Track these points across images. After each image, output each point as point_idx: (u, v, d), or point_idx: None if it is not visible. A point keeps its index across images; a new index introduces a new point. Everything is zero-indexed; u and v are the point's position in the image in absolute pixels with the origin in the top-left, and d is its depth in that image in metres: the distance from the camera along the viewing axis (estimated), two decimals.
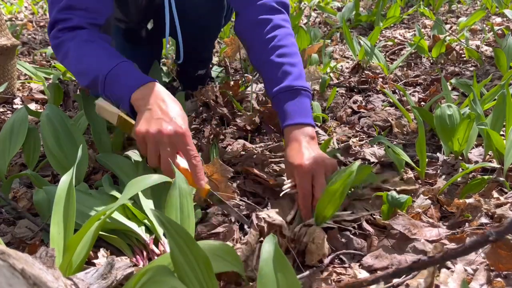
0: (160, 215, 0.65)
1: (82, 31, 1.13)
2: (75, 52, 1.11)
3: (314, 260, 0.83)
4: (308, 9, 3.55)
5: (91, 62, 1.09)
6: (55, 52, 1.18)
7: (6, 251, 0.50)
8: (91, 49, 1.10)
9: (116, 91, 1.03)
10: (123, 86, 1.02)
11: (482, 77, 1.78)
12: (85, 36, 1.12)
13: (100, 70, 1.05)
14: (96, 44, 1.12)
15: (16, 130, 1.14)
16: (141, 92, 0.99)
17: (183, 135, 0.92)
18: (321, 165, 0.95)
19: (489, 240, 0.50)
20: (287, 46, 1.14)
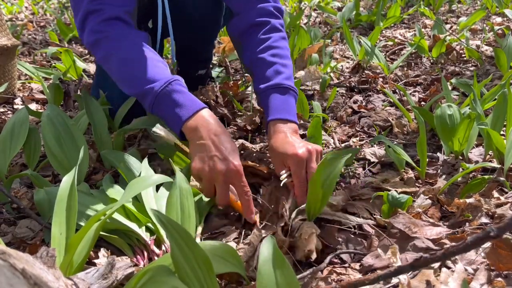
0: (161, 215, 0.65)
1: (123, 28, 1.09)
2: (119, 56, 1.07)
3: (300, 255, 0.83)
4: (308, 9, 3.55)
5: (139, 72, 1.05)
6: (93, 49, 1.12)
7: (7, 251, 0.50)
8: (137, 55, 1.07)
9: (167, 114, 1.02)
10: (175, 112, 1.00)
11: (482, 77, 1.78)
12: (134, 37, 1.09)
13: (151, 85, 1.02)
14: (142, 49, 1.07)
15: (17, 130, 1.14)
16: (194, 122, 0.98)
17: (236, 172, 0.92)
18: (312, 152, 0.98)
19: (490, 236, 0.50)
20: (280, 48, 1.18)
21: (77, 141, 1.11)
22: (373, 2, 3.50)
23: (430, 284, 0.72)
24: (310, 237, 0.84)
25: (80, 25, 1.12)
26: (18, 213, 1.04)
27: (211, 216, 0.99)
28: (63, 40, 2.93)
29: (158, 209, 0.92)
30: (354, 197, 1.03)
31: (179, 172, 0.93)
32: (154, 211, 0.66)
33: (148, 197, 0.94)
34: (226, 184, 0.93)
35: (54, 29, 3.26)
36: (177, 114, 1.00)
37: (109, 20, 1.09)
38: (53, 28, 3.30)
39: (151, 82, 1.02)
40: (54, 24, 3.52)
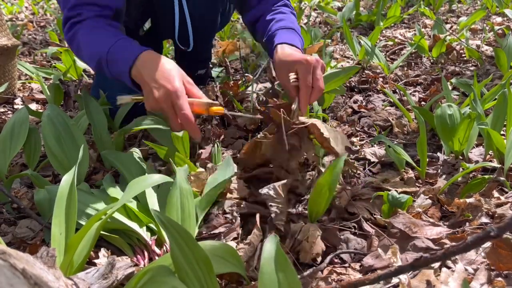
0: (161, 215, 0.65)
1: (89, 20, 1.17)
2: (84, 39, 1.16)
3: (308, 258, 0.83)
4: (308, 9, 3.55)
5: (95, 45, 1.13)
6: (70, 46, 1.23)
7: (7, 251, 0.50)
8: (96, 34, 1.15)
9: (116, 69, 1.07)
10: (121, 63, 1.05)
11: (482, 77, 1.78)
12: (92, 23, 1.16)
13: (103, 50, 1.09)
14: (102, 29, 1.16)
15: (17, 130, 1.14)
16: (136, 69, 1.02)
17: (171, 93, 0.94)
18: (319, 61, 1.09)
19: (490, 236, 0.50)
20: (288, 15, 1.37)
21: (77, 141, 1.11)
22: (373, 2, 3.50)
23: (430, 284, 0.72)
24: (316, 240, 0.84)
25: (63, 28, 1.23)
26: (18, 213, 1.05)
27: (211, 216, 0.99)
28: (63, 40, 2.93)
29: (158, 209, 0.92)
30: (354, 197, 1.03)
31: (179, 172, 0.93)
32: (154, 211, 0.66)
33: (150, 197, 0.94)
34: (170, 109, 0.94)
35: (54, 29, 3.26)
36: (122, 64, 1.04)
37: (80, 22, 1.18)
38: (53, 28, 3.30)
39: (102, 50, 1.09)
40: (54, 24, 3.52)
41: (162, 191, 0.98)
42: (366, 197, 1.02)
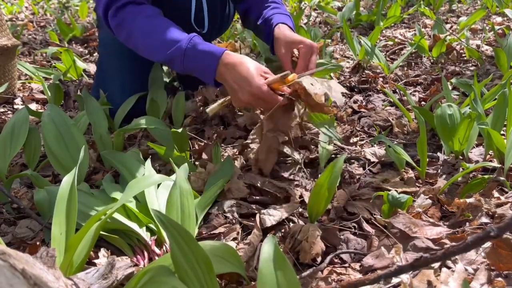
0: (161, 215, 0.65)
1: (140, 7, 1.22)
2: (142, 28, 1.19)
3: (308, 258, 0.83)
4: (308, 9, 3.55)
5: (161, 39, 1.15)
6: (117, 32, 1.25)
7: (7, 251, 0.50)
8: (157, 25, 1.18)
9: (195, 65, 1.12)
10: (206, 61, 1.11)
11: (482, 77, 1.78)
12: (147, 12, 1.21)
13: (178, 44, 1.13)
14: (160, 20, 1.20)
15: (17, 130, 1.14)
16: (219, 70, 1.09)
17: (256, 95, 1.03)
18: (316, 46, 1.23)
19: (491, 236, 0.50)
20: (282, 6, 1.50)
21: (77, 141, 1.11)
22: (373, 2, 3.50)
23: (430, 284, 0.72)
24: (316, 240, 0.84)
25: (103, 15, 1.26)
26: (18, 213, 1.04)
27: (211, 216, 0.99)
28: (63, 40, 2.93)
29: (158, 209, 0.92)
30: (354, 197, 1.03)
31: (179, 172, 0.93)
32: (154, 211, 0.66)
33: (150, 197, 0.94)
34: (258, 104, 1.06)
35: (54, 29, 3.27)
36: (205, 68, 1.11)
37: (123, 6, 1.22)
38: (53, 28, 3.30)
39: (175, 43, 1.13)
40: (54, 24, 3.52)
41: (162, 191, 0.98)
42: (366, 197, 1.02)
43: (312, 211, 0.89)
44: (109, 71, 1.56)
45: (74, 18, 3.78)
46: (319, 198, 0.88)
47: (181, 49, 1.12)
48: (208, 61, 1.10)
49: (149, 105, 1.44)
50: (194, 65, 1.13)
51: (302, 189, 1.08)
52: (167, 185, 0.98)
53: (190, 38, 1.13)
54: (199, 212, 0.96)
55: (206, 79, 1.14)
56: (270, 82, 1.05)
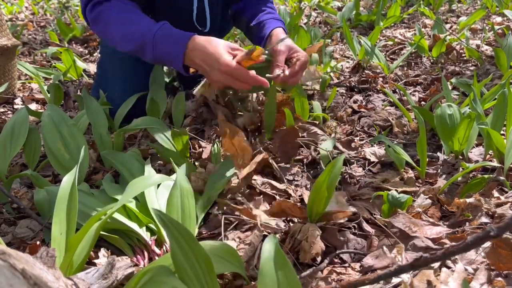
0: (161, 214, 0.65)
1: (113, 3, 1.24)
2: (117, 19, 1.23)
3: (308, 258, 0.83)
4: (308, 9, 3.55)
5: (134, 26, 1.20)
6: (94, 24, 1.28)
7: (7, 251, 0.50)
8: (132, 16, 1.22)
9: (165, 50, 1.16)
10: (173, 46, 1.14)
11: (482, 77, 1.78)
12: (121, 5, 1.24)
13: (147, 32, 1.16)
14: (134, 13, 1.23)
15: (17, 130, 1.14)
16: (188, 54, 1.13)
17: (227, 72, 1.07)
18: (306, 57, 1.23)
19: (490, 236, 0.50)
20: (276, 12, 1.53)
21: (77, 141, 1.11)
22: (373, 2, 3.50)
23: (430, 284, 0.72)
24: (316, 239, 0.84)
25: (83, 11, 1.30)
26: (18, 213, 1.04)
27: (211, 216, 0.99)
28: (63, 40, 2.93)
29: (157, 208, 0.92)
30: (354, 197, 1.03)
31: (179, 171, 0.93)
32: (154, 210, 0.66)
33: (150, 197, 0.94)
34: (230, 81, 1.09)
35: (54, 29, 3.26)
36: (175, 52, 1.14)
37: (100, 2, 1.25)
38: (53, 28, 3.30)
39: (147, 30, 1.17)
40: (54, 24, 3.52)
41: (162, 191, 0.98)
42: (366, 197, 1.02)
43: (311, 211, 0.90)
44: (110, 71, 1.56)
45: (74, 18, 3.78)
46: (319, 198, 0.88)
47: (151, 35, 1.15)
48: (176, 46, 1.13)
49: (149, 105, 1.44)
50: (163, 50, 1.15)
51: (302, 189, 1.08)
52: (167, 185, 0.98)
53: (161, 25, 1.16)
54: (200, 212, 0.96)
55: (174, 65, 1.16)
56: (238, 59, 1.08)
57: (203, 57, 1.09)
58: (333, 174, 0.87)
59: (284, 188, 1.05)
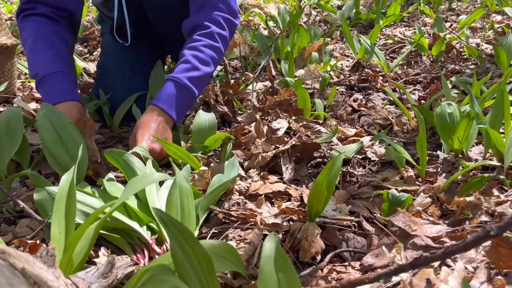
0: (161, 213, 0.65)
1: (45, 24, 1.33)
2: (29, 45, 1.32)
3: (307, 257, 0.83)
4: (308, 8, 3.55)
5: (37, 60, 1.30)
6: (20, 35, 1.38)
7: (7, 250, 0.50)
8: (39, 48, 1.31)
9: (44, 96, 1.28)
10: (47, 98, 1.26)
11: (482, 75, 1.78)
12: (40, 28, 1.33)
13: (39, 72, 1.27)
14: (45, 45, 1.31)
15: (12, 129, 1.13)
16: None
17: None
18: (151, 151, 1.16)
19: (490, 235, 0.50)
20: (204, 52, 1.33)
21: (75, 140, 1.10)
22: (373, 1, 3.50)
23: (430, 283, 0.72)
24: (315, 238, 0.84)
25: (16, 16, 1.39)
26: (18, 212, 1.04)
27: (212, 216, 0.99)
28: None
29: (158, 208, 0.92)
30: (354, 195, 1.03)
31: (179, 171, 0.93)
32: (155, 209, 0.65)
33: (151, 196, 0.94)
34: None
35: None
36: (44, 98, 1.26)
37: (38, 14, 1.34)
38: None
39: (39, 70, 1.28)
40: None
41: (163, 191, 0.98)
42: (366, 195, 1.02)
43: (311, 210, 0.89)
44: (110, 71, 1.56)
45: None
46: (319, 197, 0.88)
47: (40, 75, 1.27)
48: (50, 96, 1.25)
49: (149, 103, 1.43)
50: (41, 93, 1.29)
51: (302, 188, 1.08)
52: (169, 185, 0.98)
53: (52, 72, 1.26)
54: (202, 212, 0.95)
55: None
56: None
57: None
58: (332, 173, 0.87)
59: (284, 188, 1.05)
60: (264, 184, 1.07)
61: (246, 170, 1.16)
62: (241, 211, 0.96)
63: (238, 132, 1.30)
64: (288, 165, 1.15)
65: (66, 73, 1.29)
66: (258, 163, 1.16)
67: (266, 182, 1.09)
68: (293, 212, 0.94)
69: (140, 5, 1.48)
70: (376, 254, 0.82)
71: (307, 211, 0.90)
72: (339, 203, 0.98)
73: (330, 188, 0.87)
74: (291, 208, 0.96)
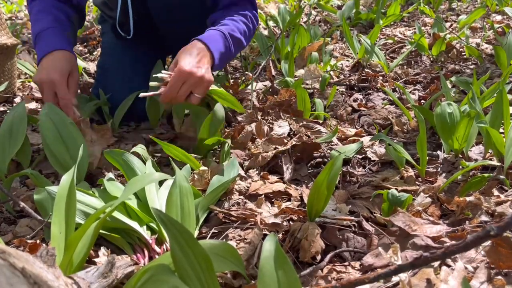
0: (161, 214, 0.65)
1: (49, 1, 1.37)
2: (32, 16, 1.38)
3: (307, 257, 0.83)
4: (308, 8, 3.55)
5: (37, 26, 1.34)
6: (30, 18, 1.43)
7: (7, 250, 0.50)
8: (40, 16, 1.36)
9: (39, 50, 1.30)
10: (38, 50, 1.30)
11: (482, 75, 1.78)
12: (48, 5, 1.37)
13: (36, 31, 1.33)
14: (46, 13, 1.35)
15: (16, 128, 1.13)
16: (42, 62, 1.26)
17: (50, 82, 1.20)
18: (196, 77, 1.14)
19: (490, 235, 0.50)
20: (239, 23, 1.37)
21: (76, 139, 1.10)
22: (373, 0, 3.50)
23: (430, 283, 0.72)
24: (315, 238, 0.84)
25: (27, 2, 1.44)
26: (18, 212, 1.04)
27: (212, 215, 0.99)
28: None
29: (158, 207, 0.92)
30: (354, 195, 1.03)
31: (178, 171, 0.93)
32: (154, 209, 0.66)
33: (151, 196, 0.94)
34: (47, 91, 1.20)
35: None
36: (39, 53, 1.29)
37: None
38: None
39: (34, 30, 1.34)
40: None
41: (163, 191, 0.98)
42: (366, 195, 1.02)
43: (311, 210, 0.90)
44: (110, 70, 1.56)
45: None
46: (319, 197, 0.88)
47: (35, 33, 1.32)
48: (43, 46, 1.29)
49: (149, 103, 1.44)
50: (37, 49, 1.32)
51: (302, 187, 1.08)
52: (169, 185, 0.98)
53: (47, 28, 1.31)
54: (202, 212, 0.95)
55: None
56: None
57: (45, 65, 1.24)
58: (332, 173, 0.87)
59: (284, 187, 1.05)
60: (264, 184, 1.07)
61: (246, 170, 1.16)
62: (241, 211, 0.96)
63: (235, 132, 1.30)
64: (288, 165, 1.15)
65: (63, 29, 1.33)
66: (258, 163, 1.16)
67: (266, 182, 1.09)
68: (293, 212, 0.94)
69: (144, 5, 1.47)
70: (376, 254, 0.82)
71: (307, 211, 0.90)
72: (339, 203, 0.98)
73: (330, 188, 0.87)
74: (291, 208, 0.96)
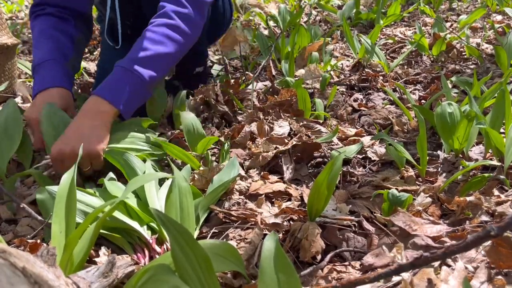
0: (161, 214, 0.65)
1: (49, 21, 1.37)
2: (34, 40, 1.38)
3: (308, 257, 0.83)
4: (308, 7, 3.55)
5: (36, 53, 1.34)
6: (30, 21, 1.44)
7: (7, 249, 0.50)
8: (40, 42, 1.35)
9: (35, 84, 1.29)
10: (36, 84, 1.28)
11: (482, 75, 1.78)
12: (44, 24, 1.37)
13: (35, 61, 1.31)
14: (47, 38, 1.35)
15: (11, 128, 1.13)
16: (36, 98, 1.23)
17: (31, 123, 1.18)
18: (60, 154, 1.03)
19: (491, 236, 0.50)
20: (155, 32, 1.24)
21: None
22: (373, 0, 3.50)
23: (430, 282, 0.72)
24: (316, 238, 0.84)
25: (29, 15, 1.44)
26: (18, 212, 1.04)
27: (212, 215, 0.99)
28: None
29: (158, 208, 0.92)
30: (355, 195, 1.03)
31: (178, 171, 0.93)
32: (154, 210, 0.66)
33: (151, 196, 0.94)
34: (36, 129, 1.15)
35: None
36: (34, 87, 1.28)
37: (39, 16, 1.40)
38: None
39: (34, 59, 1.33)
40: None
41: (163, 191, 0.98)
42: (366, 195, 1.02)
43: (311, 209, 0.90)
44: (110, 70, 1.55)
45: None
46: (319, 197, 0.88)
47: (33, 64, 1.31)
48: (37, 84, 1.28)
49: (149, 104, 1.43)
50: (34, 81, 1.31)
51: (302, 187, 1.08)
52: (169, 185, 0.98)
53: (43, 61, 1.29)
54: (202, 212, 0.95)
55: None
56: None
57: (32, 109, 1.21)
58: (333, 173, 0.87)
59: (285, 187, 1.05)
60: (265, 184, 1.07)
61: (247, 170, 1.16)
62: (242, 211, 0.96)
63: (235, 131, 1.30)
64: (288, 164, 1.15)
65: (59, 61, 1.31)
66: (258, 162, 1.16)
67: (266, 182, 1.09)
68: (293, 212, 0.94)
69: (137, 6, 1.47)
70: (376, 254, 0.82)
71: (307, 210, 0.90)
72: (339, 203, 0.98)
73: (330, 187, 0.87)
74: (292, 207, 0.96)
